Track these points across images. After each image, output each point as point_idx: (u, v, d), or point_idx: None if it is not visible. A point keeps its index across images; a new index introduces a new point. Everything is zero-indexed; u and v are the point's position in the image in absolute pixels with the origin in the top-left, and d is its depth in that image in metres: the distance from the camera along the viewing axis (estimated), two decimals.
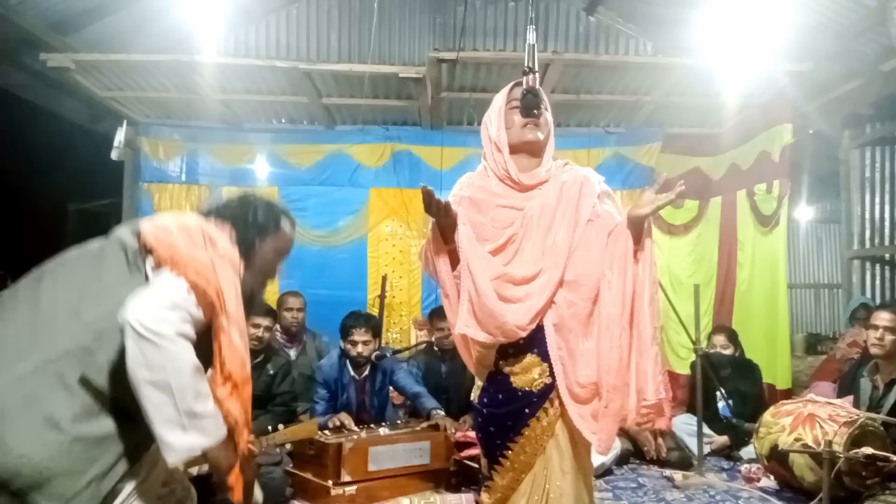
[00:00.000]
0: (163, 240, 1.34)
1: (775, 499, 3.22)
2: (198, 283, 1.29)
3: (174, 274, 1.29)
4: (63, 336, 1.27)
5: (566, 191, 1.79)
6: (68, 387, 1.24)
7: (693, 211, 5.94)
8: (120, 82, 4.91)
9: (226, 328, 1.32)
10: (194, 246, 1.34)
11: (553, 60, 4.48)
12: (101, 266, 1.38)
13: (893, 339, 3.09)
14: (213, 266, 1.33)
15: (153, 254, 1.33)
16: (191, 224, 1.41)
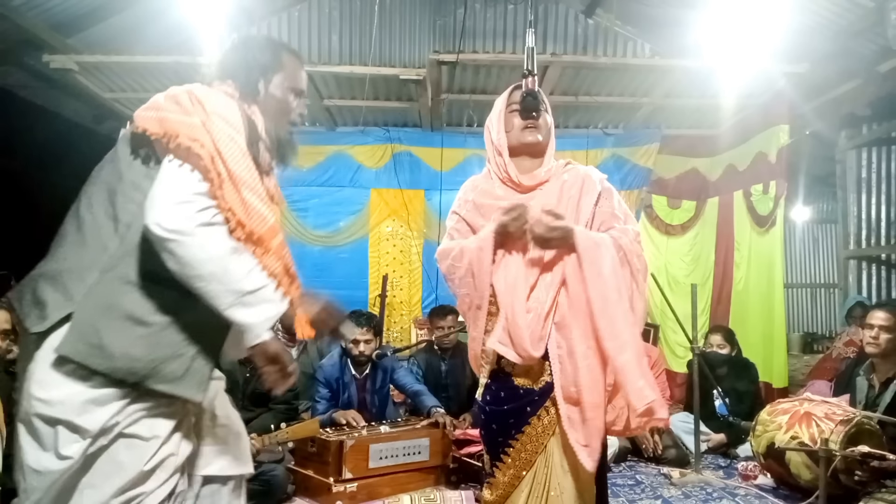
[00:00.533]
0: (152, 116, 1.35)
1: (772, 496, 3.25)
2: (192, 149, 1.28)
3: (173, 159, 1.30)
4: (111, 243, 1.33)
5: (566, 190, 1.81)
6: (135, 285, 1.31)
7: (690, 211, 5.98)
8: (122, 83, 4.93)
9: (231, 189, 1.31)
10: (183, 113, 1.33)
11: (552, 62, 4.51)
12: (118, 167, 1.41)
13: (888, 337, 3.12)
14: (205, 127, 1.31)
15: (149, 133, 1.34)
16: (177, 91, 1.40)
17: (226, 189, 1.30)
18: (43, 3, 4.22)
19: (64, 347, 1.27)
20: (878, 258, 5.10)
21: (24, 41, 4.42)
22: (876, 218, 5.04)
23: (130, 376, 1.28)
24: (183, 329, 1.34)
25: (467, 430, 3.47)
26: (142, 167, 1.38)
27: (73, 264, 1.34)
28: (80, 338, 1.27)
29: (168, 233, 1.25)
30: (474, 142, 5.75)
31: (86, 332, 1.28)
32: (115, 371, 1.27)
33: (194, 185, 1.29)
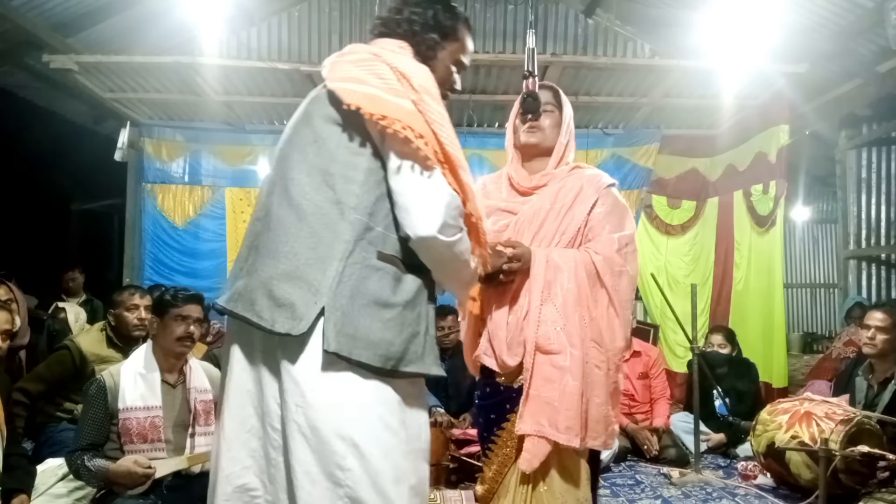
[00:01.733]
0: (361, 92, 1.28)
1: (771, 496, 3.25)
2: (419, 148, 1.25)
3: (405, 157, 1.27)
4: (343, 229, 1.28)
5: (561, 196, 1.80)
6: (374, 267, 1.29)
7: (690, 211, 5.98)
8: (122, 83, 4.94)
9: (452, 173, 1.30)
10: (392, 92, 1.28)
11: (552, 62, 4.51)
12: (327, 147, 1.34)
13: (885, 338, 3.12)
14: (420, 111, 1.29)
15: (363, 111, 1.27)
16: (371, 59, 1.34)
17: (449, 177, 1.30)
18: (43, 4, 4.22)
19: (330, 344, 1.22)
20: (878, 258, 5.10)
21: (25, 41, 4.43)
22: (876, 218, 5.04)
23: (388, 361, 1.26)
24: (416, 306, 1.33)
25: (467, 430, 3.47)
26: (353, 146, 1.32)
27: (310, 257, 1.28)
28: (341, 331, 1.23)
29: (445, 235, 1.28)
30: (474, 141, 5.75)
31: (343, 324, 1.24)
32: (376, 358, 1.24)
33: (444, 183, 1.28)
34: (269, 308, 1.26)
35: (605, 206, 1.80)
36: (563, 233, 1.76)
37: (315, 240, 1.28)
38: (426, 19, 1.46)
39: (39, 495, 2.43)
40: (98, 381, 2.27)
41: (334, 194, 1.30)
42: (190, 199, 5.62)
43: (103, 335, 3.13)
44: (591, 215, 1.78)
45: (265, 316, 1.25)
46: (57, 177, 6.64)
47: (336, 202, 1.29)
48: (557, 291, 1.68)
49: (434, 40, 1.47)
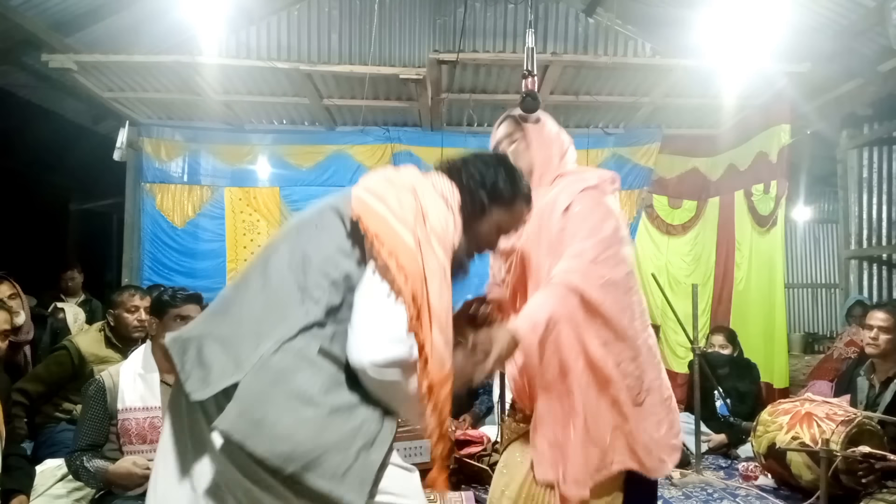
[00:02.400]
0: (374, 210, 1.26)
1: (772, 497, 3.24)
2: (403, 284, 1.21)
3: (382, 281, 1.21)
4: (295, 313, 1.22)
5: (544, 217, 1.69)
6: (310, 361, 1.20)
7: (691, 211, 5.98)
8: (122, 83, 4.93)
9: (426, 324, 1.23)
10: (403, 222, 1.25)
11: (552, 62, 4.50)
12: (321, 236, 1.31)
13: (887, 338, 3.11)
14: (420, 251, 1.24)
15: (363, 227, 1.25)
16: (404, 183, 1.32)
17: (423, 322, 1.22)
18: (42, 3, 4.22)
19: (223, 422, 1.12)
20: (879, 258, 5.09)
21: (23, 41, 4.42)
22: (877, 218, 5.03)
23: (289, 463, 1.12)
24: (351, 415, 1.20)
25: (467, 431, 3.46)
26: (344, 247, 1.28)
27: (251, 329, 1.22)
28: (242, 413, 1.13)
29: (379, 370, 1.18)
30: (474, 141, 5.74)
31: (249, 407, 1.14)
32: (273, 455, 1.12)
33: (404, 322, 1.20)
34: (192, 362, 1.21)
35: (579, 208, 1.66)
36: (553, 257, 1.61)
37: (264, 314, 1.24)
38: (485, 180, 1.45)
39: (38, 496, 2.43)
40: (97, 381, 2.27)
41: (304, 279, 1.26)
42: (189, 198, 5.61)
43: (102, 335, 3.12)
44: (565, 219, 1.64)
45: (185, 367, 1.20)
46: (56, 176, 6.64)
47: (301, 287, 1.25)
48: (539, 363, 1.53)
49: (484, 202, 1.44)
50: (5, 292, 3.23)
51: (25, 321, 3.34)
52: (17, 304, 3.27)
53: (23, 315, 3.30)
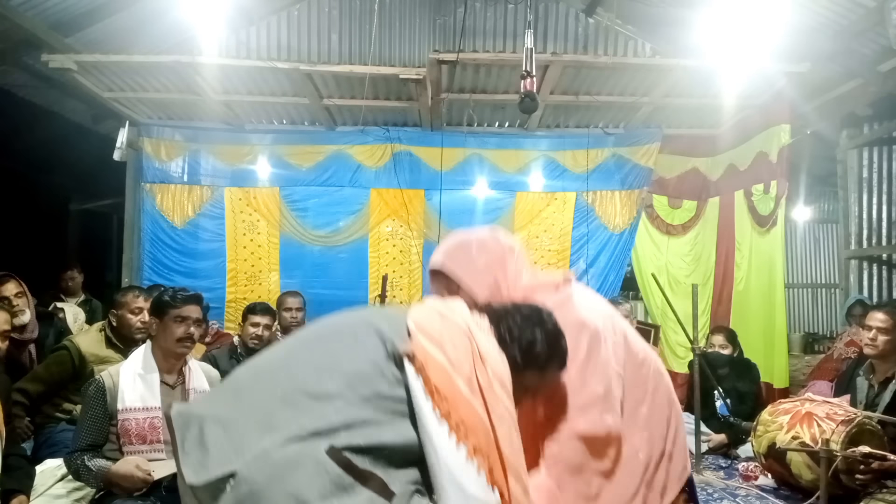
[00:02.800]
0: (431, 356, 1.24)
1: (773, 497, 3.24)
2: (477, 448, 1.19)
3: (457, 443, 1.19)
4: (313, 414, 1.18)
5: None
6: (316, 460, 1.13)
7: (691, 211, 5.98)
8: (121, 83, 4.93)
9: (500, 475, 1.21)
10: (460, 372, 1.23)
11: (552, 61, 4.50)
12: (356, 352, 1.28)
13: (886, 339, 3.11)
14: (483, 398, 1.23)
15: (416, 366, 1.23)
16: (459, 330, 1.30)
17: (496, 475, 1.21)
18: (42, 3, 4.22)
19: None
20: (880, 258, 5.09)
21: (23, 41, 4.42)
22: (877, 218, 5.03)
23: None
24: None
25: None
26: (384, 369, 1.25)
27: (259, 418, 1.18)
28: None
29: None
30: (474, 141, 5.75)
31: (243, 500, 1.09)
32: None
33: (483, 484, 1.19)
34: (192, 441, 1.17)
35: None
36: None
37: (277, 407, 1.20)
38: (522, 339, 1.41)
39: (38, 496, 2.43)
40: (97, 381, 2.27)
41: (327, 384, 1.22)
42: (189, 198, 5.61)
43: (102, 335, 3.12)
44: None
45: (185, 447, 1.17)
46: (56, 176, 6.64)
47: (324, 393, 1.21)
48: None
49: (518, 362, 1.39)
50: (11, 290, 3.25)
51: (31, 320, 3.35)
52: (23, 302, 3.29)
53: (28, 313, 3.32)
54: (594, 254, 5.75)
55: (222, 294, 5.53)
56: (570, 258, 5.79)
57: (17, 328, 3.20)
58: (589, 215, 5.76)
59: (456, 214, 5.71)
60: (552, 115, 5.61)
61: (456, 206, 5.71)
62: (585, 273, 5.75)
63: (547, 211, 5.79)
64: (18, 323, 3.21)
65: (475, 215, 5.76)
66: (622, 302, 4.30)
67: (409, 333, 1.29)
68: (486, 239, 1.65)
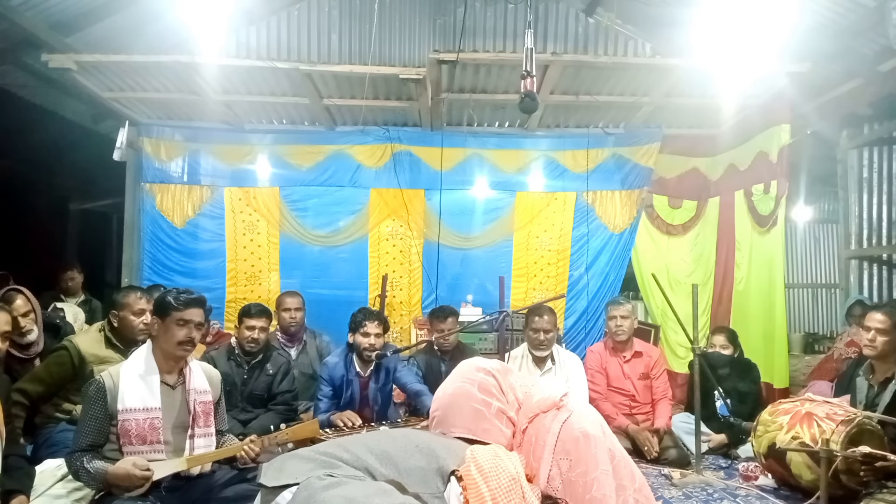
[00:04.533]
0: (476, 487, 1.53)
1: (773, 497, 3.24)
2: None
3: None
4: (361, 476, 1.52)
5: None
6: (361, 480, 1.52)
7: (691, 211, 5.97)
8: (121, 83, 4.93)
9: None
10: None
11: (552, 61, 4.49)
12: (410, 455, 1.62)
13: (884, 340, 3.11)
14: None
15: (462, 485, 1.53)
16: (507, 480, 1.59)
17: None
18: (42, 3, 4.21)
19: None
20: (880, 258, 5.09)
21: (23, 40, 4.42)
22: (877, 218, 5.03)
23: None
24: None
25: None
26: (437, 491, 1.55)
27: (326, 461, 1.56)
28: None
29: None
30: (474, 141, 5.75)
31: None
32: None
33: None
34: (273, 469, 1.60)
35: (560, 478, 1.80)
36: None
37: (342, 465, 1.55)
38: None
39: (38, 496, 2.43)
40: (97, 381, 2.26)
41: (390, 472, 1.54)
42: (189, 198, 5.61)
43: (102, 335, 3.11)
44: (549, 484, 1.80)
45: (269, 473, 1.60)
46: (55, 176, 6.63)
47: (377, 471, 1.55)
48: None
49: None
50: (20, 309, 3.15)
51: (38, 336, 3.28)
52: (31, 320, 3.19)
53: (35, 331, 3.22)
54: (594, 254, 5.75)
55: (222, 294, 5.53)
56: (570, 258, 5.79)
57: (23, 346, 3.17)
58: (589, 215, 5.76)
59: (456, 214, 5.71)
60: (552, 115, 5.61)
61: (456, 206, 5.72)
62: (585, 273, 5.75)
63: (547, 211, 5.79)
64: (25, 342, 3.16)
65: (475, 215, 5.76)
66: (623, 302, 4.29)
67: (465, 459, 1.61)
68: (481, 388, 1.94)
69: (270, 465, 1.58)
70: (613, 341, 4.25)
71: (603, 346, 4.36)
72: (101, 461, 2.17)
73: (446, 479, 1.55)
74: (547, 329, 3.92)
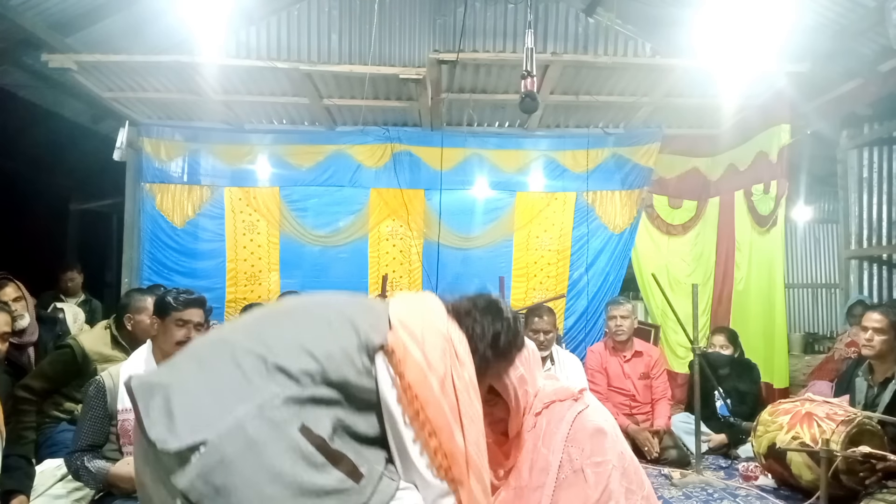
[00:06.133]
0: (410, 353, 1.28)
1: (773, 497, 3.24)
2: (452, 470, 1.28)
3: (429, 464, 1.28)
4: (281, 386, 1.19)
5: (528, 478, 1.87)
6: (288, 436, 1.14)
7: (691, 211, 5.98)
8: (121, 83, 4.93)
9: (464, 473, 1.29)
10: (434, 374, 1.28)
11: (552, 61, 4.49)
12: (326, 335, 1.29)
13: (882, 339, 3.12)
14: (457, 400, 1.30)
15: (394, 360, 1.28)
16: (440, 334, 1.35)
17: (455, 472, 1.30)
18: (42, 3, 4.21)
19: (182, 479, 1.08)
20: (880, 258, 5.09)
21: (23, 40, 4.42)
22: (877, 218, 5.03)
23: None
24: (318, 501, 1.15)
25: None
26: (354, 359, 1.27)
27: (228, 388, 1.17)
28: (203, 475, 1.08)
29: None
30: (474, 141, 5.75)
31: (212, 470, 1.09)
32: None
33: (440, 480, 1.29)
34: (159, 410, 1.15)
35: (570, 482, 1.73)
36: None
37: (246, 377, 1.19)
38: (486, 335, 1.51)
39: (38, 496, 2.43)
40: (97, 381, 2.27)
41: (297, 358, 1.23)
42: (189, 198, 5.61)
43: (108, 334, 3.12)
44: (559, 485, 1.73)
45: (151, 415, 1.15)
46: (55, 176, 6.63)
47: (294, 364, 1.22)
48: None
49: (489, 358, 1.50)
50: (10, 295, 3.22)
51: (30, 323, 3.34)
52: (22, 306, 3.26)
53: (27, 317, 3.29)
54: (594, 254, 5.75)
55: (222, 294, 5.53)
56: (570, 258, 5.79)
57: (16, 332, 3.19)
58: (589, 215, 5.76)
59: (456, 214, 5.71)
60: (552, 115, 5.61)
61: (456, 206, 5.72)
62: (585, 273, 5.75)
63: (547, 211, 5.79)
64: (17, 328, 3.19)
65: (475, 215, 5.76)
66: (623, 302, 4.29)
67: (391, 326, 1.33)
68: None
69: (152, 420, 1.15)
70: (613, 341, 4.25)
71: (603, 345, 4.36)
72: (102, 461, 2.17)
73: (373, 354, 1.28)
74: (546, 329, 3.92)
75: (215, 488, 1.08)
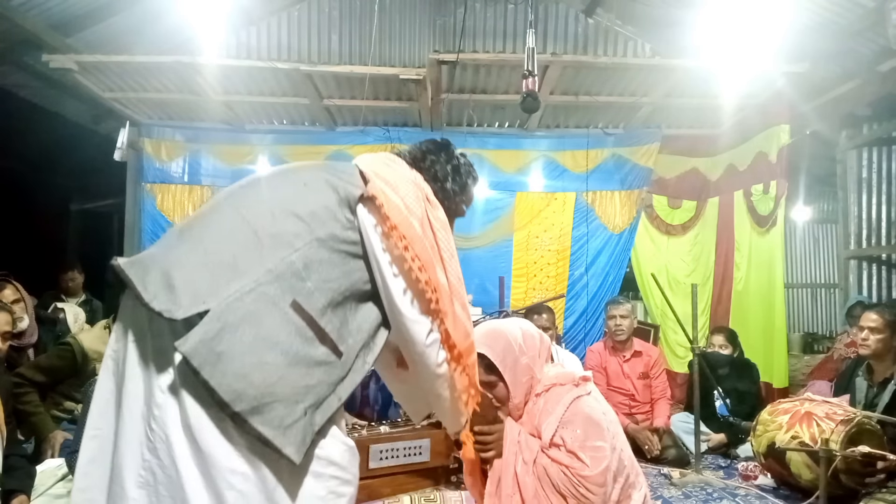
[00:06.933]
0: (388, 197, 1.35)
1: (772, 496, 3.25)
2: (425, 291, 1.34)
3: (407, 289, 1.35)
4: (274, 257, 1.24)
5: None
6: (282, 311, 1.21)
7: (690, 211, 5.98)
8: (122, 83, 4.93)
9: (448, 302, 1.37)
10: (413, 214, 1.36)
11: (552, 62, 4.50)
12: (307, 196, 1.34)
13: (878, 338, 3.13)
14: (435, 237, 1.38)
15: (374, 206, 1.34)
16: (407, 179, 1.44)
17: (443, 302, 1.37)
18: (42, 3, 4.22)
19: (185, 344, 1.11)
20: (879, 258, 5.09)
21: (24, 41, 4.42)
22: (876, 218, 5.03)
23: (237, 402, 1.11)
24: (309, 373, 1.21)
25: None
26: (336, 212, 1.33)
27: (225, 262, 1.22)
28: (206, 340, 1.12)
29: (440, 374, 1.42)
30: (474, 141, 5.75)
31: (214, 336, 1.13)
32: (224, 389, 1.11)
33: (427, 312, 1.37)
34: (157, 284, 1.18)
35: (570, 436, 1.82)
36: None
37: (241, 251, 1.24)
38: (448, 173, 1.64)
39: (39, 496, 2.43)
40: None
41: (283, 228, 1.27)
42: (189, 199, 5.62)
43: (107, 333, 3.12)
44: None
45: (149, 288, 1.17)
46: (56, 177, 6.63)
47: (284, 236, 1.26)
48: None
49: (450, 192, 1.62)
50: (9, 297, 3.22)
51: (29, 325, 3.34)
52: (21, 308, 3.26)
53: (26, 319, 3.29)
54: (594, 254, 5.76)
55: None
56: (570, 258, 5.80)
57: (15, 335, 3.19)
58: (589, 215, 5.76)
59: None
60: (552, 116, 5.61)
61: None
62: (585, 273, 5.76)
63: (547, 211, 5.80)
64: (16, 330, 3.20)
65: (475, 215, 5.77)
66: (622, 302, 4.30)
67: (364, 179, 1.39)
68: (526, 336, 1.94)
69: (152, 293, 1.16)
70: (613, 341, 4.26)
71: (602, 345, 4.36)
72: None
73: (354, 206, 1.34)
74: (546, 328, 3.93)
75: (217, 354, 1.13)
